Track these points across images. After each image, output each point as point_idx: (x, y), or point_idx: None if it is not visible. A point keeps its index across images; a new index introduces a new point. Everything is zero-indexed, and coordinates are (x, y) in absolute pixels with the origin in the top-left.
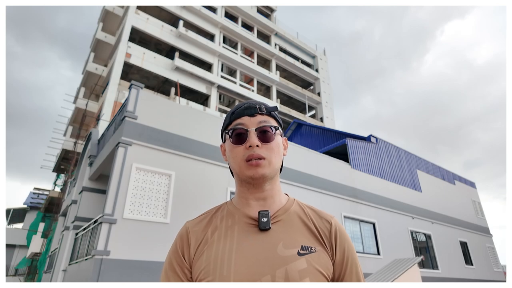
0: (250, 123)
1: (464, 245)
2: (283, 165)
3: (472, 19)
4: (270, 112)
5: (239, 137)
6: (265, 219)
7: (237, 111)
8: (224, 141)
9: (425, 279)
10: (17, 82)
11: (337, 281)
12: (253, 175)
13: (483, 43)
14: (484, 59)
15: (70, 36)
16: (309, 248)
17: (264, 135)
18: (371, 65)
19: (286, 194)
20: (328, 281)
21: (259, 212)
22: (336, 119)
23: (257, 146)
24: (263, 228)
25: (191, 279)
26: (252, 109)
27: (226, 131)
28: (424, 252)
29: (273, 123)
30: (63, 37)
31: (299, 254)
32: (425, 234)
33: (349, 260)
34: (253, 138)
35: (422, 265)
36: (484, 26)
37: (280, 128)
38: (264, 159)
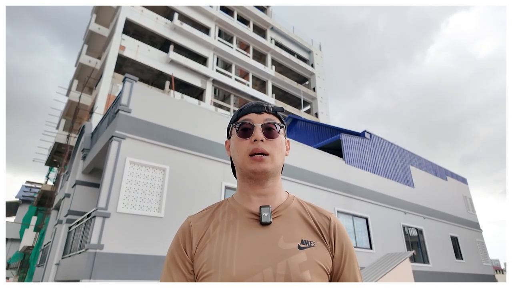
0: (257, 119)
1: (454, 240)
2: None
3: (476, 11)
4: (276, 112)
5: (245, 131)
6: (266, 214)
7: (245, 108)
8: (229, 137)
9: (416, 273)
10: (8, 68)
11: (335, 275)
12: (255, 169)
13: (485, 37)
14: (486, 53)
15: (62, 17)
16: (309, 243)
17: (269, 132)
18: (373, 57)
19: (287, 192)
20: (327, 274)
21: (260, 207)
22: (336, 112)
23: (262, 140)
24: (264, 222)
25: (192, 273)
26: (259, 107)
27: (233, 125)
28: (416, 246)
29: (278, 122)
30: (54, 18)
31: (299, 247)
32: (417, 229)
33: (347, 255)
34: (259, 133)
35: (413, 259)
36: (487, 20)
37: (284, 128)
38: (268, 155)
